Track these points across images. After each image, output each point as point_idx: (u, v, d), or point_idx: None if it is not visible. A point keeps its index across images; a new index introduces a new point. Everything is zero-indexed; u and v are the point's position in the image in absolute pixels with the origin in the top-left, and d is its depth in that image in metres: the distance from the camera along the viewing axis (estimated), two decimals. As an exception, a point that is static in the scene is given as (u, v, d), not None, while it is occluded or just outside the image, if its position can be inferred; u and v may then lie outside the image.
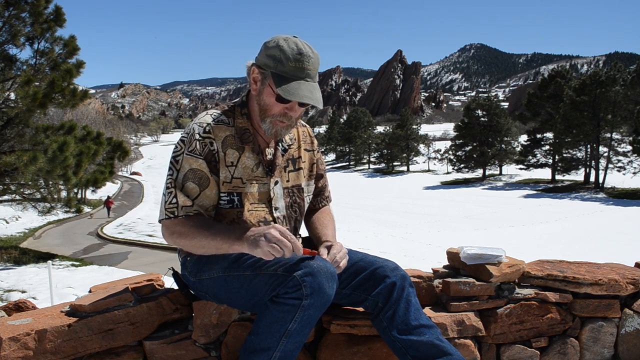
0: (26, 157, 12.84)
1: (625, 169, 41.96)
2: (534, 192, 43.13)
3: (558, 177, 47.42)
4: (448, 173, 60.80)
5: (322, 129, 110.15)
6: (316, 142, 1.90)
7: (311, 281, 1.45)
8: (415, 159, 70.57)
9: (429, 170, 66.40)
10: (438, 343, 1.59)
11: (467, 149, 56.77)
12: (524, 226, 25.15)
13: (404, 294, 1.63)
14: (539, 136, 50.13)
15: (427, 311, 1.90)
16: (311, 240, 1.82)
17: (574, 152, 45.63)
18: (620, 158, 42.62)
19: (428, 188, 50.95)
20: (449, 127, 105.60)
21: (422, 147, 70.83)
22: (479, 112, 56.50)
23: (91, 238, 23.73)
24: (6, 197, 16.27)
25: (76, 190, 25.96)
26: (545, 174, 49.87)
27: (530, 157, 50.76)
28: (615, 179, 41.57)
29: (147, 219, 28.69)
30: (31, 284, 11.36)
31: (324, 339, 1.81)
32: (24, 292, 10.64)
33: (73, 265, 15.04)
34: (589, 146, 43.60)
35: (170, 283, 1.91)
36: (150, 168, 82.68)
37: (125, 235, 23.05)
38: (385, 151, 73.27)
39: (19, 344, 1.56)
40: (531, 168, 50.68)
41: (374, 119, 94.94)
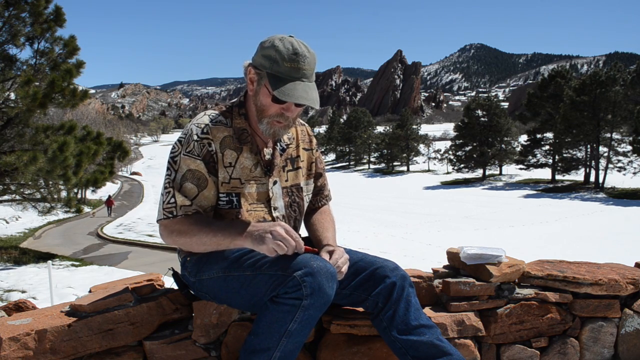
0: (26, 157, 12.84)
1: (625, 169, 41.94)
2: (534, 192, 43.12)
3: (558, 177, 47.41)
4: (448, 173, 60.80)
5: (322, 129, 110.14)
6: (315, 141, 1.90)
7: (311, 281, 1.45)
8: (415, 159, 70.58)
9: (429, 170, 66.40)
10: (438, 343, 1.59)
11: (467, 149, 56.77)
12: (524, 226, 25.14)
13: (404, 294, 1.63)
14: (539, 136, 50.13)
15: (427, 311, 1.90)
16: (311, 239, 1.82)
17: (574, 152, 45.61)
18: (620, 158, 42.61)
19: (428, 188, 50.95)
20: (449, 127, 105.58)
21: (422, 147, 70.85)
22: (479, 112, 56.49)
23: (91, 238, 23.73)
24: (6, 197, 16.26)
25: (76, 190, 25.98)
26: (545, 174, 49.87)
27: (530, 157, 50.76)
28: (615, 179, 41.56)
29: (147, 219, 28.69)
30: (31, 284, 11.36)
31: (324, 339, 1.81)
32: (24, 292, 10.64)
33: (73, 265, 15.03)
34: (589, 146, 43.59)
35: (170, 283, 1.91)
36: (150, 168, 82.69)
37: (125, 235, 23.05)
38: (385, 151, 73.28)
39: (19, 344, 1.56)
40: (531, 168, 50.67)
41: (374, 119, 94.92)
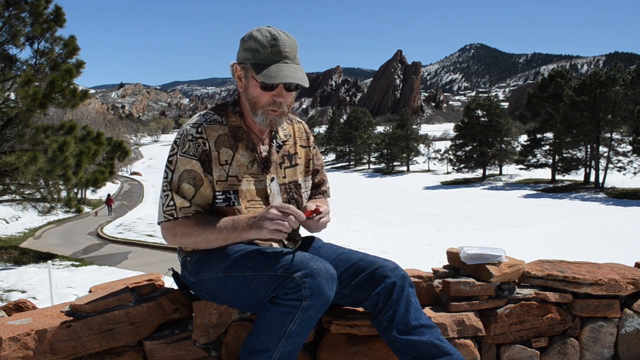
0: (26, 157, 12.84)
1: (625, 169, 41.93)
2: (534, 192, 43.11)
3: (558, 177, 47.41)
4: (448, 173, 60.79)
5: (322, 129, 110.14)
6: (312, 138, 1.91)
7: (311, 282, 1.45)
8: (415, 159, 70.58)
9: (429, 170, 66.39)
10: (438, 343, 1.59)
11: (467, 149, 56.76)
12: (524, 226, 25.14)
13: (404, 294, 1.63)
14: (539, 136, 50.12)
15: (427, 311, 1.90)
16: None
17: (574, 152, 45.61)
18: (620, 158, 42.60)
19: (428, 188, 50.94)
20: (449, 127, 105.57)
21: (422, 147, 70.85)
22: (479, 112, 56.49)
23: (91, 238, 23.72)
24: (6, 197, 16.26)
25: (76, 190, 25.97)
26: (545, 174, 49.86)
27: (530, 157, 50.76)
28: (615, 179, 41.56)
29: (147, 219, 28.68)
30: (31, 284, 11.35)
31: (323, 339, 1.81)
32: (24, 292, 10.64)
33: (73, 265, 15.03)
34: (589, 146, 43.59)
35: (170, 283, 1.91)
36: (150, 168, 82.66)
37: (125, 235, 23.04)
38: (385, 151, 73.27)
39: (19, 344, 1.56)
40: (531, 168, 50.66)
41: (374, 119, 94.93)
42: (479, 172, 56.50)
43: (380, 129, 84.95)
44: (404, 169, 70.06)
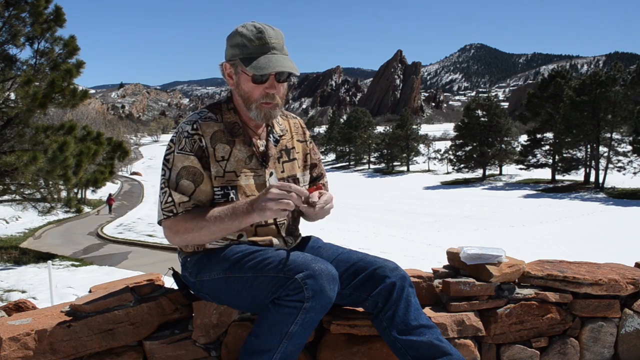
0: (26, 157, 12.83)
1: (625, 169, 41.94)
2: (534, 192, 43.11)
3: (558, 177, 47.41)
4: (448, 173, 60.80)
5: (322, 129, 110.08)
6: (308, 132, 1.91)
7: (313, 284, 1.45)
8: (415, 159, 70.60)
9: (429, 170, 66.40)
10: (438, 343, 1.59)
11: (467, 149, 56.78)
12: (524, 226, 25.14)
13: (404, 294, 1.63)
14: (539, 136, 50.14)
15: (427, 311, 1.90)
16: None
17: (574, 152, 45.62)
18: (620, 158, 42.61)
19: (428, 188, 50.95)
20: (449, 127, 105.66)
21: (422, 147, 70.87)
22: (479, 112, 56.51)
23: (91, 238, 23.72)
24: (6, 197, 16.25)
25: (76, 190, 25.99)
26: (545, 174, 49.86)
27: (530, 157, 50.77)
28: (615, 179, 41.56)
29: (147, 219, 28.69)
30: (31, 284, 11.36)
31: (324, 339, 1.81)
32: (24, 292, 10.64)
33: (73, 265, 15.03)
34: (589, 146, 43.60)
35: (170, 283, 1.91)
36: (150, 168, 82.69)
37: (125, 235, 23.04)
38: (385, 151, 73.30)
39: (19, 344, 1.56)
40: (531, 168, 50.67)
41: (374, 119, 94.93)
42: (479, 172, 56.50)
43: (380, 129, 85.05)
44: (404, 169, 70.06)
